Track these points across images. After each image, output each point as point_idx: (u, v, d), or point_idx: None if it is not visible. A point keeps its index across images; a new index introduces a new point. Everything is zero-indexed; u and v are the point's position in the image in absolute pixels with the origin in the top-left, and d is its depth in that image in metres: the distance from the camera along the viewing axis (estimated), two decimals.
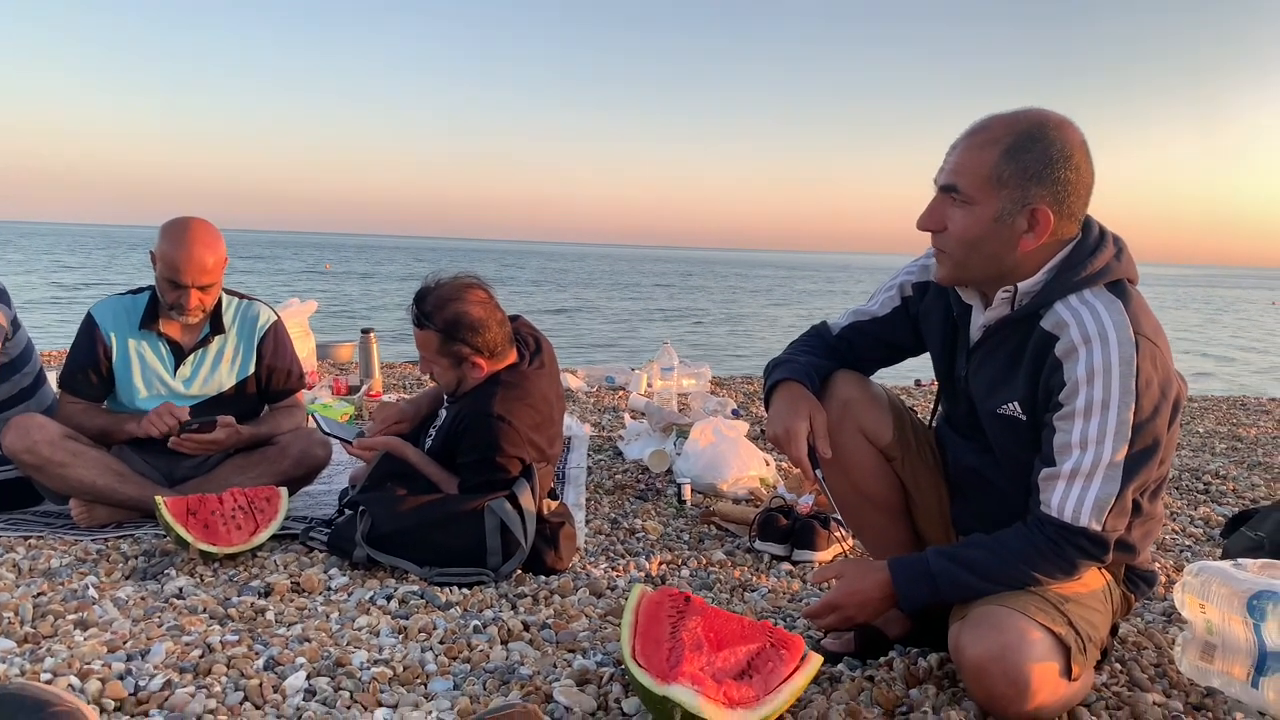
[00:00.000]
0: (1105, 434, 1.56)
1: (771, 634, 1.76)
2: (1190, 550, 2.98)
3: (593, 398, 5.82)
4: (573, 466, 3.79)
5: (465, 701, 1.72)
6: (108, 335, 2.91)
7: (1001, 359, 1.74)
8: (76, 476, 2.73)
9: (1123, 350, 1.56)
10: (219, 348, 3.01)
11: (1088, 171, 1.63)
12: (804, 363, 1.96)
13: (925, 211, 1.70)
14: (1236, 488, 3.85)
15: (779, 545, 2.79)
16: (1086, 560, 1.63)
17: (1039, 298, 1.66)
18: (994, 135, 1.62)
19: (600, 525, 3.05)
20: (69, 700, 1.41)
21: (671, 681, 1.56)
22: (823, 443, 1.84)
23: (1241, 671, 1.75)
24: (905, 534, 2.03)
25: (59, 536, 2.73)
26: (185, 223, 2.83)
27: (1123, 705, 1.77)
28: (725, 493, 3.44)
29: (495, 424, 2.50)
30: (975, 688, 1.63)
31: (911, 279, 1.96)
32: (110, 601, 2.18)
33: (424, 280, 2.62)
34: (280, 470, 2.94)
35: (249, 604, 2.19)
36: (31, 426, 2.71)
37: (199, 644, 1.93)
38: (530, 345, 2.75)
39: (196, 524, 2.53)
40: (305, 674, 1.81)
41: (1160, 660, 2.00)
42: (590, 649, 2.00)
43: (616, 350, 14.14)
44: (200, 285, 2.82)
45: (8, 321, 2.91)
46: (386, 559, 2.45)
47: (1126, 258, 1.68)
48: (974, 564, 1.68)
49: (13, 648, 1.90)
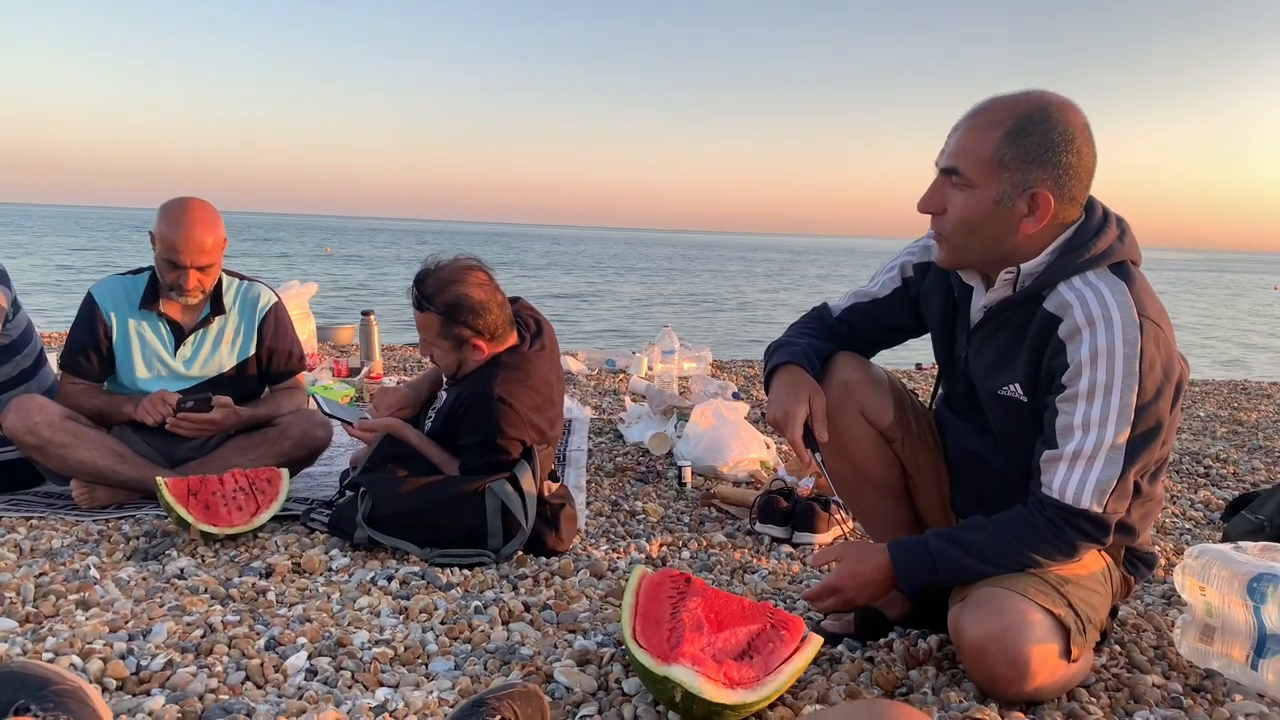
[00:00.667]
0: (1108, 416, 1.56)
1: (772, 615, 1.76)
2: (1190, 533, 2.98)
3: (593, 380, 5.82)
4: (573, 449, 3.80)
5: (466, 681, 1.73)
6: (108, 315, 2.91)
7: (1003, 340, 1.73)
8: (77, 457, 2.73)
9: (1126, 332, 1.55)
10: (219, 328, 3.00)
11: (1089, 155, 1.62)
12: (804, 345, 1.96)
13: (925, 194, 1.69)
14: (1237, 471, 3.85)
15: (779, 528, 2.80)
16: (1087, 542, 1.63)
17: (1042, 279, 1.66)
18: (996, 117, 1.60)
19: (601, 507, 3.06)
20: (71, 679, 1.41)
21: (672, 662, 1.57)
22: (820, 426, 1.84)
23: (1241, 654, 1.75)
24: (905, 516, 2.03)
25: (60, 517, 2.73)
26: (184, 203, 2.82)
27: (1122, 687, 1.77)
28: (726, 475, 3.44)
29: (496, 406, 2.49)
30: (975, 669, 1.64)
31: (913, 259, 1.95)
32: (112, 582, 2.19)
33: (424, 262, 2.61)
34: (281, 451, 2.94)
35: (250, 584, 2.19)
36: (32, 408, 2.70)
37: (200, 624, 1.94)
38: (531, 327, 2.75)
39: (197, 505, 2.53)
40: (306, 654, 1.81)
41: (1160, 642, 2.00)
42: (591, 630, 2.01)
43: (618, 333, 14.12)
44: (199, 266, 2.81)
45: (8, 303, 2.91)
46: (387, 540, 2.46)
47: (1130, 240, 1.67)
48: (973, 546, 1.68)
49: (15, 627, 1.91)
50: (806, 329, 2.04)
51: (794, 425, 1.81)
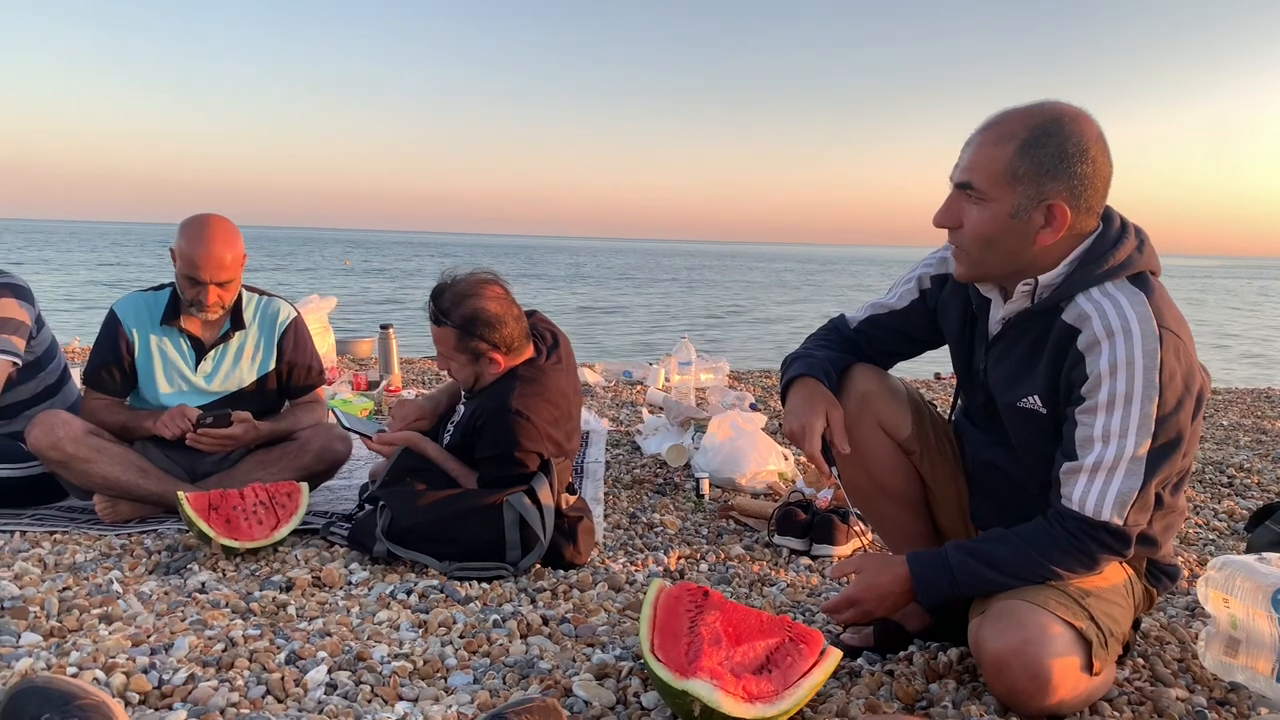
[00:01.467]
0: (1128, 428, 1.55)
1: (790, 628, 1.75)
2: (1214, 544, 2.95)
3: (610, 392, 5.82)
4: (591, 461, 3.80)
5: (485, 695, 1.73)
6: (130, 331, 2.94)
7: (1021, 352, 1.73)
8: (100, 472, 2.76)
9: (1146, 343, 1.54)
10: (240, 344, 3.03)
11: (1105, 165, 1.61)
12: (821, 358, 1.95)
13: (941, 209, 1.69)
14: (1261, 481, 3.80)
15: (798, 540, 2.79)
16: (1108, 555, 1.62)
17: (1060, 290, 1.65)
18: (1009, 130, 1.60)
19: (618, 520, 3.06)
20: (95, 693, 1.42)
21: (690, 676, 1.57)
22: (840, 439, 1.83)
23: (1266, 666, 1.73)
24: (924, 528, 2.02)
25: (84, 532, 2.76)
26: (204, 220, 2.85)
27: (1145, 700, 1.75)
28: (743, 487, 3.43)
29: (513, 419, 2.50)
30: (995, 682, 1.62)
31: (930, 271, 1.94)
32: (134, 596, 2.20)
33: (440, 276, 2.63)
34: (301, 465, 2.96)
35: (270, 598, 2.21)
36: (56, 423, 2.74)
37: (221, 638, 1.95)
38: (547, 340, 2.76)
39: (218, 519, 2.55)
40: (326, 668, 1.82)
41: (1184, 655, 1.98)
42: (609, 643, 2.00)
43: (635, 345, 14.13)
44: (219, 282, 2.84)
45: (31, 320, 2.94)
46: (406, 553, 2.47)
47: (1148, 249, 1.66)
48: (993, 558, 1.67)
49: (39, 641, 1.92)
50: (823, 341, 2.03)
51: (812, 438, 1.81)
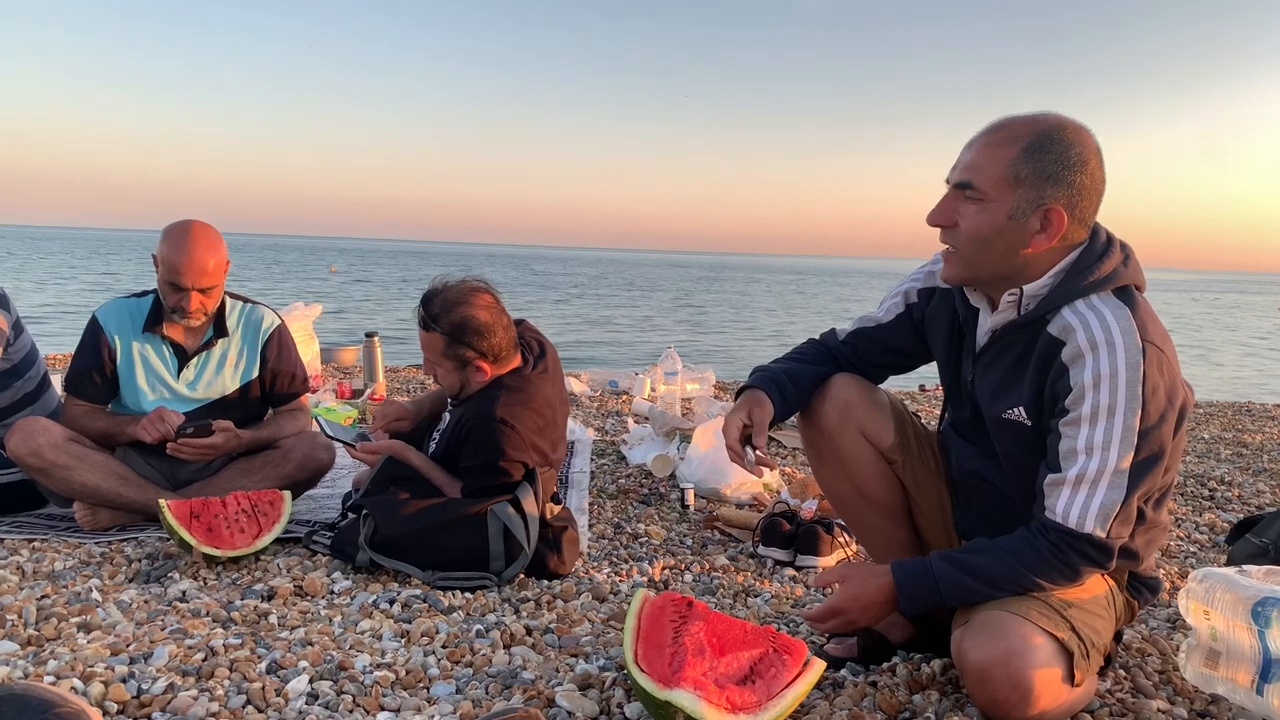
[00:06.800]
0: (1111, 440, 1.56)
1: (774, 639, 1.75)
2: (1195, 556, 2.97)
3: (596, 402, 5.82)
4: (576, 471, 3.79)
5: (468, 705, 1.72)
6: (112, 338, 2.92)
7: (1007, 364, 1.74)
8: (80, 480, 2.74)
9: (1129, 356, 1.56)
10: (223, 351, 3.01)
11: (1100, 178, 1.64)
12: (777, 370, 2.02)
13: (936, 207, 1.70)
14: (1242, 494, 3.84)
15: (782, 550, 2.79)
16: (1090, 567, 1.62)
17: (1046, 302, 1.66)
18: (1013, 134, 1.62)
19: (603, 530, 3.05)
20: (74, 702, 1.41)
21: (674, 686, 1.56)
22: (759, 436, 1.91)
23: (1246, 679, 1.74)
24: (907, 537, 2.03)
25: (63, 539, 2.73)
26: (186, 226, 2.84)
27: (1127, 712, 1.76)
28: (728, 497, 3.43)
29: (498, 428, 2.50)
30: (978, 693, 1.63)
31: (917, 285, 1.96)
32: (114, 604, 2.18)
33: (431, 283, 2.63)
34: (284, 474, 2.94)
35: (252, 607, 2.19)
36: (36, 430, 2.71)
37: (202, 647, 1.93)
38: (534, 349, 2.76)
39: (200, 527, 2.53)
40: (308, 677, 1.81)
41: (1165, 667, 1.99)
42: (593, 654, 2.00)
43: (621, 355, 14.14)
44: (201, 288, 2.82)
45: (9, 326, 2.92)
46: (389, 563, 2.45)
47: (1134, 264, 1.68)
48: (977, 569, 1.67)
49: (16, 650, 1.90)
50: (796, 354, 2.08)
51: (729, 430, 1.91)
